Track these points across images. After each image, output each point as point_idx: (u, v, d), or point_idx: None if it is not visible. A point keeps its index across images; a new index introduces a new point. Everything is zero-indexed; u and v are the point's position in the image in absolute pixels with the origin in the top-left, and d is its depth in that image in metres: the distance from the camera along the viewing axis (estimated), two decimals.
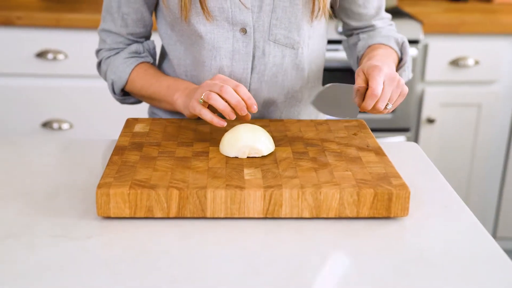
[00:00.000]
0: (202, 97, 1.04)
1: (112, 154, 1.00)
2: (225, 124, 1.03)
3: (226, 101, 1.03)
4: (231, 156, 1.00)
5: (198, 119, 1.15)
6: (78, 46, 2.14)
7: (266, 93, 1.21)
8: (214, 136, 1.09)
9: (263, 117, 1.25)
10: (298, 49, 1.19)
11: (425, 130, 2.27)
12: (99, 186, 0.88)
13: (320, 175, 0.93)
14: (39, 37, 2.12)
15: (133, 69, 1.22)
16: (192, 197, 0.88)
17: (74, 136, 2.23)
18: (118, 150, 1.01)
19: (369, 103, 1.02)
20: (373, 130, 2.23)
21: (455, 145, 2.31)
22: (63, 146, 1.17)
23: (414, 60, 2.16)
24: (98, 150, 1.13)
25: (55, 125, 2.21)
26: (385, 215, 0.90)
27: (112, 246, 0.82)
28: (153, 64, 1.27)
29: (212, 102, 1.03)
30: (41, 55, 2.12)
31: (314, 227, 0.89)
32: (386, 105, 1.04)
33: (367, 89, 1.02)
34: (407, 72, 1.26)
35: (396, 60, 1.22)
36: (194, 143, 1.05)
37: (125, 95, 1.28)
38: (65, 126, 2.21)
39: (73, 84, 2.18)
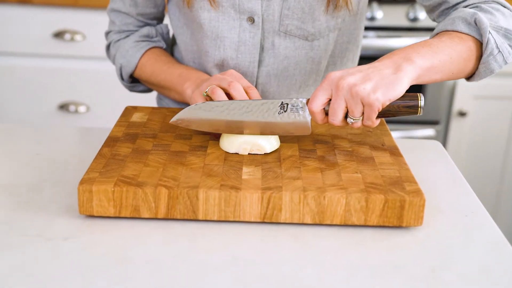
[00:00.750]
0: (207, 90, 0.96)
1: (102, 146, 0.92)
2: None
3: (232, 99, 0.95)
4: (231, 152, 0.91)
5: None
6: (97, 27, 2.07)
7: (275, 87, 1.12)
8: None
9: None
10: (313, 41, 1.08)
11: (456, 124, 2.15)
12: (82, 181, 0.81)
13: (326, 177, 0.84)
14: (56, 16, 2.06)
15: (143, 54, 1.14)
16: (183, 197, 0.80)
17: (91, 119, 2.17)
18: (110, 141, 0.94)
19: (316, 120, 0.89)
20: (400, 122, 2.12)
21: (487, 141, 2.19)
22: (59, 134, 1.10)
23: None
24: (96, 139, 1.05)
25: (72, 108, 2.15)
26: (396, 224, 0.81)
27: (89, 250, 0.75)
28: (166, 49, 1.19)
29: (215, 97, 0.95)
30: (58, 35, 2.06)
31: (316, 235, 0.80)
32: (348, 119, 0.87)
33: None
34: (495, 55, 0.94)
35: (469, 48, 0.93)
36: (193, 136, 0.97)
37: (134, 81, 1.20)
38: (82, 109, 2.15)
39: (90, 66, 2.12)
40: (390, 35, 2.04)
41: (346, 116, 0.88)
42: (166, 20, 1.71)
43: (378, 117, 0.88)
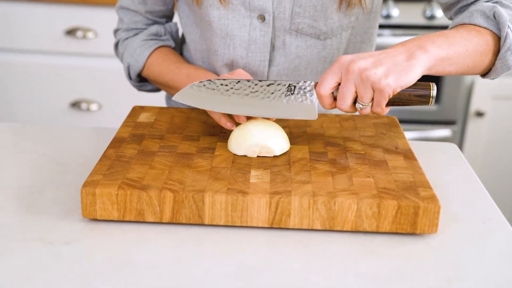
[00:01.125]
0: None
1: (108, 147, 0.90)
2: (233, 126, 0.91)
3: None
4: (240, 154, 0.89)
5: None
6: (109, 24, 2.05)
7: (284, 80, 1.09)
8: (224, 130, 0.97)
9: None
10: (326, 40, 1.05)
11: (473, 124, 2.11)
12: (85, 184, 0.78)
13: (337, 181, 0.81)
14: (68, 14, 2.05)
15: (151, 53, 1.11)
16: (188, 201, 0.78)
17: (103, 117, 2.16)
18: (116, 142, 0.92)
19: (323, 104, 0.86)
20: (415, 122, 2.08)
21: (505, 143, 2.14)
22: (67, 134, 1.08)
23: None
24: (104, 140, 1.03)
25: (84, 106, 2.14)
26: (410, 231, 0.78)
27: (91, 255, 0.73)
28: (175, 48, 1.17)
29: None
30: (71, 32, 2.05)
31: (325, 241, 0.77)
32: (358, 104, 0.84)
33: None
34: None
35: (486, 41, 0.90)
36: (201, 137, 0.94)
37: (142, 81, 1.18)
38: (93, 107, 2.14)
39: (103, 63, 2.10)
40: (406, 33, 2.01)
41: (355, 102, 0.84)
42: (176, 19, 1.69)
43: (388, 105, 0.85)
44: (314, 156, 0.89)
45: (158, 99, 1.72)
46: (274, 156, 0.88)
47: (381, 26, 1.99)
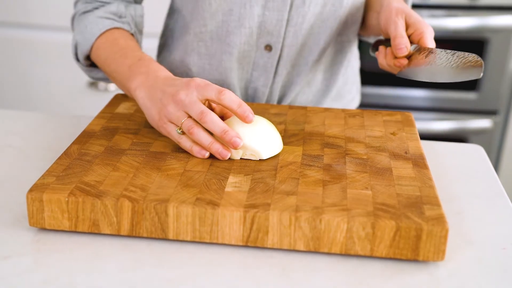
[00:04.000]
0: (181, 127, 0.76)
1: (72, 143, 0.79)
2: (207, 155, 0.76)
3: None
4: None
5: None
6: None
7: (299, 50, 0.99)
8: None
9: (290, 81, 1.02)
10: None
11: None
12: (32, 188, 0.68)
13: (328, 193, 0.69)
14: None
15: (103, 34, 0.93)
16: (149, 212, 0.67)
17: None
18: (83, 137, 0.81)
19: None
20: (452, 111, 1.92)
21: None
22: (46, 123, 0.98)
23: (510, 31, 1.81)
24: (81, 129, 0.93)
25: (101, 86, 2.05)
26: (411, 257, 0.65)
27: (29, 273, 0.62)
28: (133, 35, 0.97)
29: (195, 138, 0.75)
30: None
31: (308, 267, 0.65)
32: None
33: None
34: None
35: None
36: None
37: (93, 65, 0.99)
38: (111, 87, 2.05)
39: None
40: (445, 15, 1.83)
41: None
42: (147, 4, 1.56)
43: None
44: (306, 160, 0.76)
45: None
46: (260, 159, 0.76)
47: (417, 6, 1.83)
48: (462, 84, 1.90)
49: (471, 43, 1.85)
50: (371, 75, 1.88)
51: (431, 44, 0.86)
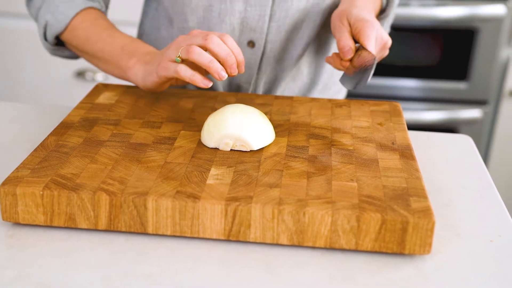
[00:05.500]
0: (180, 53, 0.78)
1: (49, 134, 0.77)
2: (210, 84, 0.77)
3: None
4: (210, 147, 0.75)
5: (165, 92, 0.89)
6: None
7: (283, 45, 0.97)
8: (195, 115, 0.83)
9: (274, 77, 1.00)
10: None
11: (508, 105, 1.91)
12: (5, 181, 0.66)
13: (312, 185, 0.67)
14: None
15: (78, 13, 0.92)
16: (128, 205, 0.64)
17: None
18: (61, 128, 0.78)
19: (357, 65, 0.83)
20: (442, 101, 1.90)
21: None
22: (26, 112, 0.95)
23: (500, 20, 1.80)
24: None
25: (89, 75, 2.02)
26: (397, 251, 0.63)
27: (2, 270, 0.60)
28: (105, 14, 0.97)
29: (194, 57, 0.77)
30: None
31: (292, 261, 0.63)
32: None
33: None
34: (385, 27, 1.03)
35: (377, 8, 0.97)
36: (163, 124, 0.80)
37: (59, 44, 0.98)
38: (99, 77, 2.02)
39: None
40: (436, 4, 1.82)
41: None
42: None
43: None
44: (291, 152, 0.74)
45: None
46: (251, 150, 0.74)
47: None
48: (452, 73, 1.88)
49: (461, 33, 1.83)
50: None
51: (368, 42, 0.83)
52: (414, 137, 0.89)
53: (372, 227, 0.62)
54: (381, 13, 0.99)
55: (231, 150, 0.74)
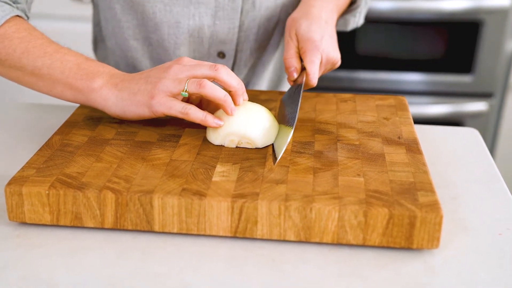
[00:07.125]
0: (186, 87, 0.72)
1: (54, 133, 0.77)
2: (222, 123, 0.74)
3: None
4: (216, 144, 0.74)
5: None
6: None
7: (254, 53, 0.97)
8: None
9: (247, 84, 1.01)
10: None
11: None
12: (11, 181, 0.65)
13: (319, 181, 0.66)
14: None
15: (7, 21, 0.79)
16: (134, 204, 0.64)
17: None
18: (66, 127, 0.78)
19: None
20: (447, 94, 1.89)
21: None
22: (31, 112, 0.95)
23: (505, 12, 1.78)
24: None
25: None
26: (405, 245, 0.63)
27: (7, 270, 0.60)
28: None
29: (208, 92, 0.71)
30: None
31: (299, 258, 0.63)
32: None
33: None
34: (358, 18, 0.99)
35: (343, 2, 0.93)
36: (168, 122, 0.80)
37: None
38: None
39: None
40: None
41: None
42: None
43: None
44: (297, 147, 0.74)
45: None
46: (256, 148, 0.74)
47: None
48: (457, 66, 1.87)
49: (466, 25, 1.82)
50: (365, 59, 1.86)
51: (310, 67, 0.79)
52: (420, 131, 0.89)
53: (380, 222, 0.62)
54: (351, 4, 0.97)
55: (236, 147, 0.74)
